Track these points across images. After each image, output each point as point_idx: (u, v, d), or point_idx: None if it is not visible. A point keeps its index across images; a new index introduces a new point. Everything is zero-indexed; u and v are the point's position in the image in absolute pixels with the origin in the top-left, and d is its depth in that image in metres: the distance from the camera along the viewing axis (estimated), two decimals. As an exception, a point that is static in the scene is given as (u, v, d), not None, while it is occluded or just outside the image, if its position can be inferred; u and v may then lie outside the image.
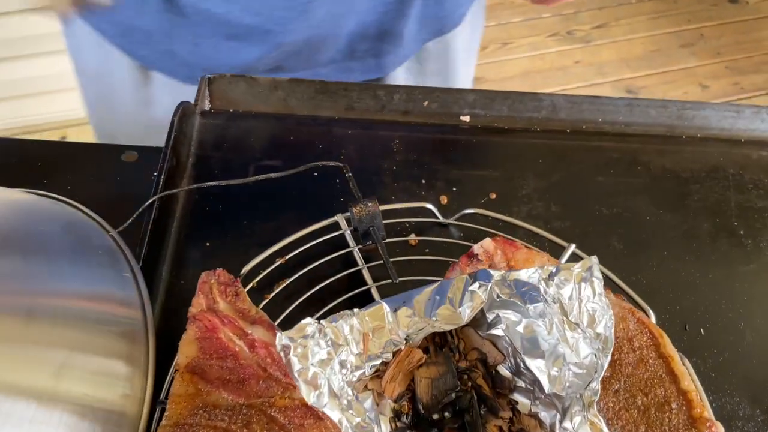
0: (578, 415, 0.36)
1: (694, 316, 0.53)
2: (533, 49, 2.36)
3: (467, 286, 0.40)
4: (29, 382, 0.40)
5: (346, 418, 0.34)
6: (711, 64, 2.35)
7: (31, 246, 0.44)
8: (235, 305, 0.43)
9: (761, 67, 2.37)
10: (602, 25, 2.43)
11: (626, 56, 2.35)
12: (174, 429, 0.39)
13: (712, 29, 2.46)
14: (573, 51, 2.36)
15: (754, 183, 0.62)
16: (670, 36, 2.43)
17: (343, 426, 0.34)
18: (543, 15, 2.45)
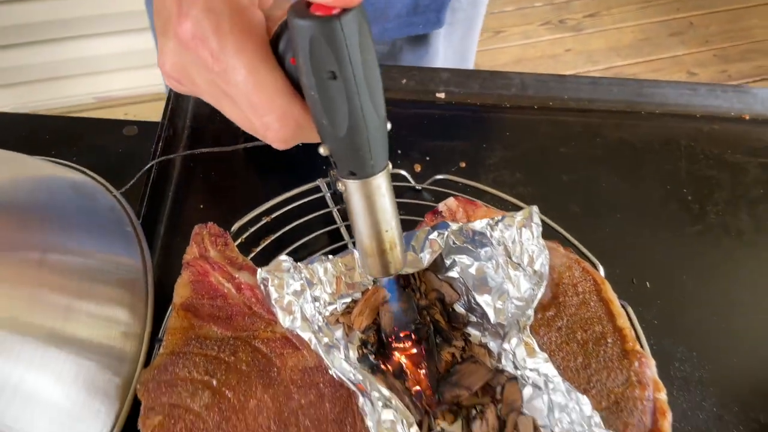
0: (515, 337, 0.41)
1: (642, 271, 0.59)
2: (525, 37, 2.40)
3: (428, 235, 0.46)
4: (39, 321, 0.45)
5: (315, 338, 0.40)
6: (699, 52, 2.39)
7: (43, 203, 0.49)
8: (224, 253, 0.49)
9: (748, 55, 2.41)
10: (593, 14, 2.48)
11: (616, 45, 2.40)
12: (170, 356, 0.44)
13: (701, 18, 2.50)
14: (564, 39, 2.40)
15: (704, 154, 0.68)
16: (660, 25, 2.47)
17: (312, 343, 0.40)
18: (535, 4, 2.50)
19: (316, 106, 0.31)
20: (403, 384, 0.43)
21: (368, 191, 0.35)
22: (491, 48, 2.37)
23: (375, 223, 0.36)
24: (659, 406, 0.44)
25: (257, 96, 0.32)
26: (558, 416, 0.41)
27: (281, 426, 0.42)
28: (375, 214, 0.36)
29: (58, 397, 0.44)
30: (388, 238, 0.37)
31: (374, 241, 0.37)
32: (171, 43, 0.32)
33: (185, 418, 0.42)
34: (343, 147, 0.33)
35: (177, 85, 0.35)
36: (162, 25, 0.33)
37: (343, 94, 0.30)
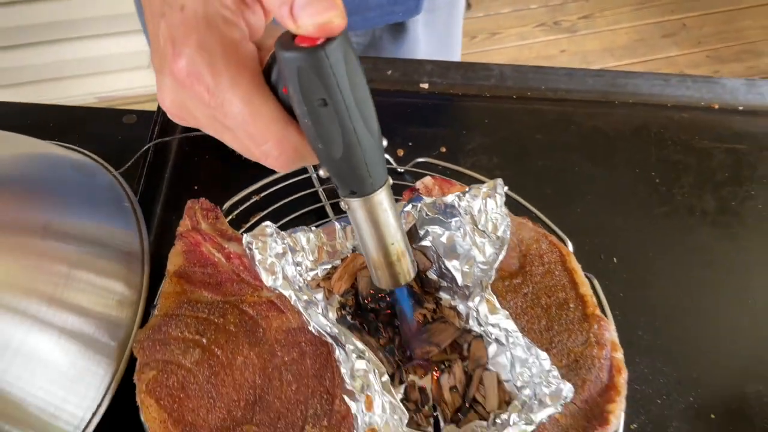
0: (478, 295, 0.45)
1: (610, 248, 0.62)
2: (521, 38, 2.44)
3: (403, 208, 0.49)
4: (41, 287, 0.49)
5: (295, 295, 0.44)
6: (692, 53, 2.43)
7: (46, 179, 0.53)
8: (215, 226, 0.53)
9: (741, 56, 2.44)
10: (588, 16, 2.52)
11: (610, 46, 2.44)
12: (164, 318, 0.48)
13: (694, 19, 2.54)
14: (559, 41, 2.44)
15: (672, 140, 0.71)
16: (654, 26, 2.51)
17: (293, 300, 0.44)
18: (531, 6, 2.54)
19: (311, 132, 0.32)
20: (377, 341, 0.47)
21: (370, 208, 0.36)
22: (487, 49, 2.41)
23: (380, 238, 0.38)
24: (615, 364, 0.48)
25: (254, 126, 0.33)
26: (519, 371, 0.45)
27: (265, 380, 0.46)
28: (380, 229, 0.37)
29: (57, 358, 0.48)
30: (394, 251, 0.39)
31: (381, 255, 0.39)
32: (168, 80, 0.34)
33: (177, 373, 0.46)
34: (341, 168, 0.34)
35: (179, 120, 0.37)
36: (158, 63, 0.34)
37: (335, 119, 0.31)
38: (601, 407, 0.46)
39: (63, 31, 1.65)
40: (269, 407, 0.45)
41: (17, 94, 1.78)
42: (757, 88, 0.76)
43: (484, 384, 0.45)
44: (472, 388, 0.45)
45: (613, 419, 0.46)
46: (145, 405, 0.45)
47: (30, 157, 0.56)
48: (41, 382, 0.47)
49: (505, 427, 0.41)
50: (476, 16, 2.51)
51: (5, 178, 0.51)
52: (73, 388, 0.48)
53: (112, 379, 0.49)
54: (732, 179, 0.68)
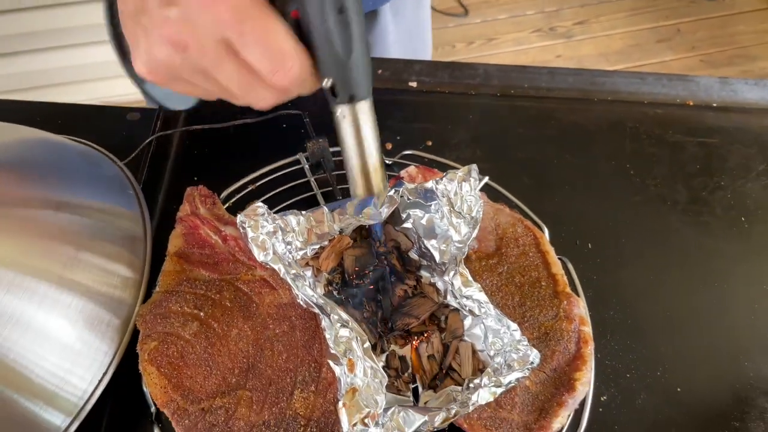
0: (452, 270, 0.49)
1: (585, 234, 0.66)
2: (517, 44, 2.49)
3: (388, 193, 0.53)
4: (50, 267, 0.52)
5: (284, 269, 0.48)
6: (686, 58, 2.47)
7: (56, 166, 0.57)
8: (212, 211, 0.57)
9: (734, 60, 2.48)
10: (583, 22, 2.56)
11: (605, 51, 2.48)
12: (164, 294, 0.52)
13: (688, 25, 2.58)
14: (555, 46, 2.49)
15: (647, 134, 0.75)
16: (648, 31, 2.55)
17: (282, 272, 0.48)
18: (527, 12, 2.59)
19: (328, 36, 0.39)
20: (361, 314, 0.50)
21: (361, 114, 0.44)
22: (484, 54, 2.45)
23: (362, 145, 0.45)
24: (583, 336, 0.52)
25: (273, 37, 0.38)
26: (492, 340, 0.49)
27: (258, 350, 0.50)
28: (365, 138, 0.44)
29: (64, 332, 0.51)
30: (371, 162, 0.45)
31: (360, 162, 0.45)
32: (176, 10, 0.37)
33: (177, 344, 0.50)
34: (347, 71, 0.41)
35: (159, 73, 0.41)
36: (147, 20, 0.38)
37: (348, 25, 0.39)
38: (568, 375, 0.50)
39: (62, 38, 1.69)
40: (261, 374, 0.49)
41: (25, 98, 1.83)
42: (730, 86, 0.80)
43: (460, 353, 0.49)
44: (448, 357, 0.49)
45: (580, 386, 0.49)
46: (147, 372, 0.49)
47: (43, 148, 0.60)
48: (49, 355, 0.50)
49: (476, 389, 0.45)
50: (473, 22, 2.56)
51: (20, 166, 0.55)
52: (79, 360, 0.52)
53: (116, 352, 0.52)
54: (703, 171, 0.72)
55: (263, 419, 0.47)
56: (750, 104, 0.79)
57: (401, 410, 0.44)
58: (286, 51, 0.39)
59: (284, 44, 0.38)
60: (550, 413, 0.48)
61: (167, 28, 0.38)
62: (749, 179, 0.72)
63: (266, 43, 0.38)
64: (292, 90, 0.41)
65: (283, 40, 0.38)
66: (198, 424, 0.46)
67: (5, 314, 0.50)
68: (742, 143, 0.75)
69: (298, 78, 0.40)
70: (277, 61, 0.39)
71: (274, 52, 0.38)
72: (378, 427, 0.43)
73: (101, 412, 0.53)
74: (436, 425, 0.44)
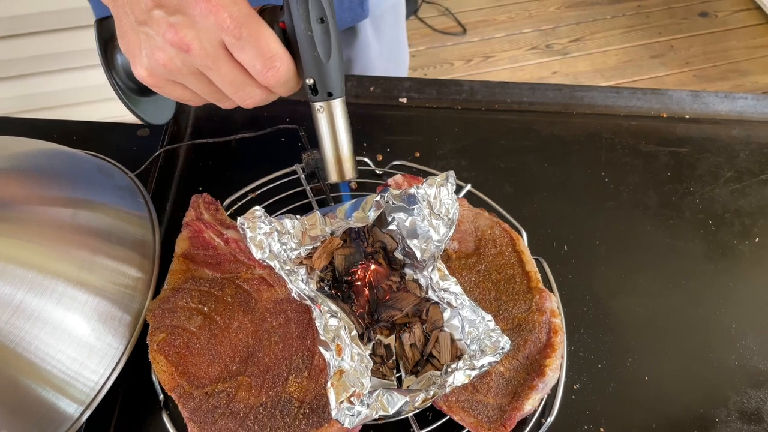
0: (430, 265, 0.54)
1: (561, 237, 0.71)
2: (514, 61, 2.55)
3: (374, 199, 0.58)
4: (67, 269, 0.57)
5: (279, 265, 0.53)
6: (680, 73, 2.53)
7: (74, 175, 0.63)
8: (215, 216, 0.62)
9: (727, 75, 2.54)
10: (578, 39, 2.63)
11: (600, 67, 2.54)
12: (171, 291, 0.57)
13: (681, 41, 2.64)
14: (551, 63, 2.55)
15: (621, 145, 0.80)
16: (642, 48, 2.61)
17: (277, 268, 0.53)
18: (523, 30, 2.65)
19: (311, 42, 0.46)
20: (350, 307, 0.56)
21: (336, 109, 0.51)
22: (482, 72, 2.52)
23: (336, 136, 0.52)
24: (553, 327, 0.56)
25: (264, 41, 0.44)
26: (468, 330, 0.53)
27: (256, 341, 0.55)
28: (338, 130, 0.51)
29: (79, 328, 0.55)
30: (344, 150, 0.52)
31: (334, 151, 0.52)
32: (181, 17, 0.43)
33: (183, 335, 0.55)
34: (326, 72, 0.48)
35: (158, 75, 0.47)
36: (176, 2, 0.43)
37: (327, 32, 0.46)
38: (539, 362, 0.55)
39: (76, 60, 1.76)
40: (259, 362, 0.54)
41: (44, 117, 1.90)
42: (702, 99, 0.86)
43: (440, 342, 0.54)
44: (429, 346, 0.54)
45: (549, 372, 0.54)
46: (156, 361, 0.54)
47: (61, 160, 0.66)
48: (65, 348, 0.55)
49: (453, 372, 0.50)
50: (471, 40, 2.63)
51: (42, 176, 0.60)
52: (93, 353, 0.56)
53: (126, 345, 0.57)
54: (673, 178, 0.77)
55: (261, 402, 0.51)
56: (720, 116, 0.85)
57: (385, 392, 0.49)
58: (276, 53, 0.45)
59: (274, 47, 0.45)
60: (522, 396, 0.53)
61: (172, 33, 0.44)
62: (717, 185, 0.77)
63: (259, 46, 0.44)
64: (277, 89, 0.48)
65: (273, 44, 0.45)
66: (202, 407, 0.51)
67: (26, 311, 0.55)
68: (711, 152, 0.80)
69: (284, 77, 0.46)
70: (268, 61, 0.45)
71: (266, 53, 0.45)
72: (363, 406, 0.48)
73: (113, 400, 0.58)
74: (416, 405, 0.49)
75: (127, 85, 0.57)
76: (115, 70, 0.56)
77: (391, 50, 0.97)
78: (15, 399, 0.54)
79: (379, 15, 0.90)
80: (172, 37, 0.44)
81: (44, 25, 1.62)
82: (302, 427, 0.50)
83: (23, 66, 1.73)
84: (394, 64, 1.00)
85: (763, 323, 0.66)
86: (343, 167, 0.53)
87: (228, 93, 0.48)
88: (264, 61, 0.45)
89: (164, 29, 0.44)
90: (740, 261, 0.70)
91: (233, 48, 0.44)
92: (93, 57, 1.77)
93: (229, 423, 0.50)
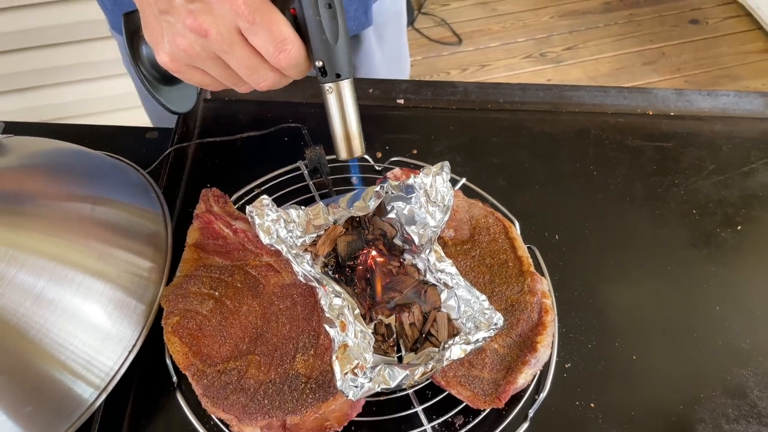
0: (428, 248, 0.58)
1: (553, 227, 0.75)
2: (509, 69, 2.60)
3: (374, 189, 0.62)
4: (85, 260, 0.60)
5: (287, 249, 0.57)
6: (671, 79, 2.58)
7: (93, 173, 0.67)
8: (224, 208, 0.66)
9: (718, 81, 2.59)
10: (572, 47, 2.68)
11: (593, 74, 2.59)
12: (184, 278, 0.61)
13: (673, 48, 2.70)
14: (545, 71, 2.60)
15: (609, 140, 0.84)
16: (634, 55, 2.66)
17: (284, 251, 0.56)
18: (518, 39, 2.71)
19: (320, 26, 0.49)
20: (353, 290, 0.59)
21: (344, 90, 0.53)
22: (476, 80, 2.57)
23: (345, 115, 0.54)
24: (544, 307, 0.60)
25: (276, 26, 0.47)
26: (464, 309, 0.57)
27: (265, 322, 0.59)
28: (347, 109, 0.54)
29: (97, 316, 0.59)
30: (352, 129, 0.55)
31: (343, 129, 0.54)
32: (200, 4, 0.47)
33: (195, 318, 0.58)
34: (335, 54, 0.50)
35: (179, 61, 0.50)
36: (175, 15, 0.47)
37: (335, 16, 0.49)
38: (531, 339, 0.58)
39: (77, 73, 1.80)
40: (268, 342, 0.57)
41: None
42: (686, 97, 0.90)
43: (437, 321, 0.57)
44: (427, 325, 0.57)
45: (541, 348, 0.57)
46: (171, 342, 0.57)
47: (80, 159, 0.69)
48: (83, 335, 0.57)
49: (450, 348, 0.53)
50: (467, 50, 2.68)
51: (62, 173, 0.64)
52: (109, 339, 0.59)
53: (141, 332, 0.60)
54: (659, 171, 0.81)
55: (270, 378, 0.55)
56: (703, 112, 0.89)
57: (387, 367, 0.52)
58: (287, 37, 0.48)
59: (285, 32, 0.48)
60: (516, 371, 0.56)
61: (191, 19, 0.48)
62: (700, 177, 0.81)
63: (271, 31, 0.48)
64: (289, 71, 0.51)
65: (284, 29, 0.48)
66: (215, 383, 0.55)
67: (46, 299, 0.58)
68: (694, 146, 0.84)
69: (295, 59, 0.49)
70: (279, 44, 0.48)
71: (277, 37, 0.48)
72: (366, 379, 0.51)
73: (129, 384, 0.61)
74: (416, 378, 0.53)
75: (152, 74, 0.60)
76: (140, 60, 0.59)
77: (393, 58, 1.01)
78: (35, 382, 0.57)
79: (382, 23, 0.94)
80: (191, 23, 0.48)
81: (48, 39, 1.66)
82: (309, 401, 0.53)
83: (28, 79, 1.77)
84: (396, 71, 1.04)
85: (745, 305, 0.69)
86: (351, 144, 0.55)
87: (243, 76, 0.51)
88: (276, 44, 0.48)
89: (184, 16, 0.48)
90: (723, 248, 0.74)
91: (247, 33, 0.48)
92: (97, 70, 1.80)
93: (241, 398, 0.54)
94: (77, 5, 1.61)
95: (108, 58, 1.75)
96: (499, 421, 0.58)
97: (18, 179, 0.63)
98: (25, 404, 0.57)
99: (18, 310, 0.56)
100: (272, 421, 0.52)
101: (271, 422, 0.52)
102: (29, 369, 0.57)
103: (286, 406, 0.53)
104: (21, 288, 0.56)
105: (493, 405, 0.55)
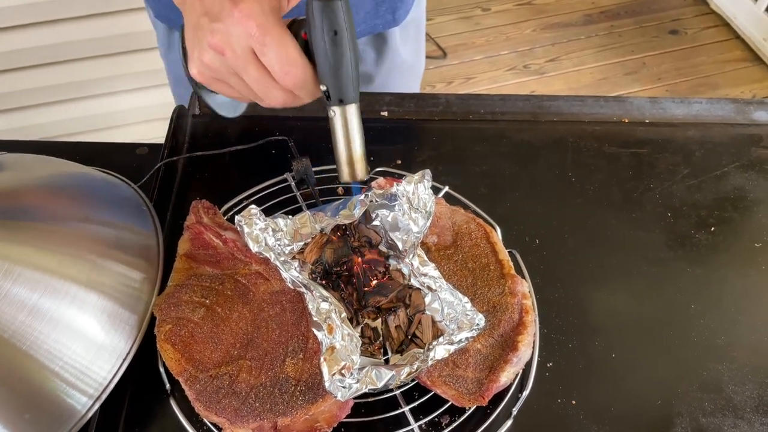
0: (411, 253, 0.60)
1: (533, 232, 0.77)
2: (493, 81, 2.65)
3: (360, 197, 0.64)
4: (78, 273, 0.61)
5: (275, 256, 0.59)
6: (653, 89, 2.63)
7: (84, 189, 0.69)
8: (213, 219, 0.68)
9: (698, 89, 2.64)
10: (554, 59, 2.73)
11: (576, 85, 2.64)
12: (176, 287, 0.63)
13: (653, 58, 2.75)
14: (528, 82, 2.65)
15: (586, 147, 0.87)
16: (616, 66, 2.72)
17: (272, 258, 0.58)
18: (501, 52, 2.75)
19: (326, 53, 0.51)
20: (340, 295, 0.61)
21: (349, 115, 0.55)
22: (461, 92, 2.61)
23: (349, 139, 0.56)
24: (524, 307, 0.62)
25: (285, 49, 0.50)
26: (447, 311, 0.59)
27: (255, 328, 0.60)
28: (350, 132, 0.56)
29: (90, 327, 0.60)
30: (356, 153, 0.57)
31: (347, 153, 0.56)
32: (220, 24, 0.50)
33: (187, 326, 0.60)
34: (338, 79, 0.52)
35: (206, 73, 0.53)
36: (217, 11, 0.50)
37: (341, 44, 0.51)
38: (512, 339, 0.60)
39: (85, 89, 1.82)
40: (258, 347, 0.59)
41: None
42: (660, 104, 0.93)
43: (422, 324, 0.60)
44: (412, 327, 0.60)
45: (522, 347, 0.60)
46: (164, 349, 0.59)
47: (71, 175, 0.71)
48: (76, 346, 0.59)
49: (434, 348, 0.55)
50: (452, 63, 2.72)
51: (55, 189, 0.66)
52: (102, 350, 0.60)
53: (134, 342, 0.62)
54: (635, 176, 0.84)
55: (261, 382, 0.57)
56: (677, 119, 0.92)
57: (373, 368, 0.54)
58: (293, 58, 0.51)
59: (292, 54, 0.51)
60: (498, 369, 0.58)
61: (212, 37, 0.51)
62: (675, 182, 0.84)
63: (279, 52, 0.51)
64: (298, 92, 0.53)
65: (291, 51, 0.51)
66: (207, 388, 0.56)
67: (41, 312, 0.59)
68: (669, 152, 0.87)
69: (301, 81, 0.52)
70: (286, 65, 0.51)
71: (284, 59, 0.51)
72: (353, 379, 0.53)
73: (123, 392, 0.62)
74: (402, 378, 0.55)
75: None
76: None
77: (413, 57, 1.04)
78: (30, 393, 0.58)
79: (404, 25, 0.97)
80: (210, 41, 0.51)
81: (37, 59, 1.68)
82: (299, 403, 0.55)
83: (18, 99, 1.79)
84: (416, 69, 1.08)
85: (719, 303, 0.72)
86: (354, 168, 0.57)
87: (257, 92, 0.54)
88: (283, 64, 0.51)
89: (207, 34, 0.51)
90: (697, 249, 0.77)
91: (259, 53, 0.51)
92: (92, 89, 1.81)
93: (233, 401, 0.55)
94: (64, 26, 1.63)
95: (96, 77, 1.77)
96: (483, 419, 0.60)
97: (12, 195, 0.65)
98: (20, 414, 0.58)
99: (13, 323, 0.57)
100: (263, 423, 0.54)
101: (263, 424, 0.54)
102: (24, 380, 0.58)
103: (277, 409, 0.55)
104: (16, 301, 0.57)
105: (477, 403, 0.57)
